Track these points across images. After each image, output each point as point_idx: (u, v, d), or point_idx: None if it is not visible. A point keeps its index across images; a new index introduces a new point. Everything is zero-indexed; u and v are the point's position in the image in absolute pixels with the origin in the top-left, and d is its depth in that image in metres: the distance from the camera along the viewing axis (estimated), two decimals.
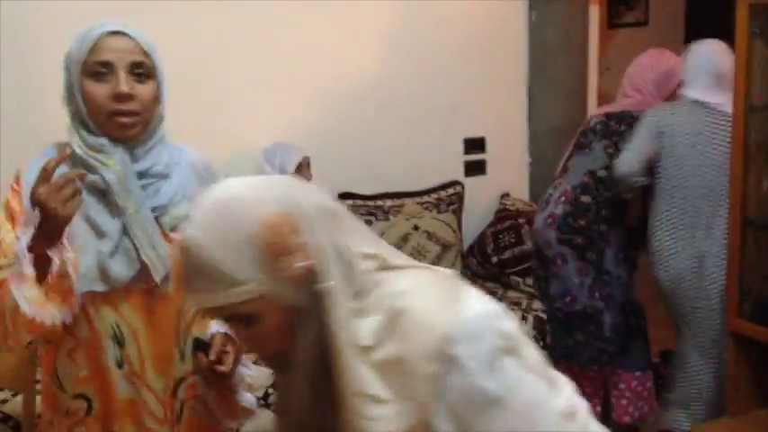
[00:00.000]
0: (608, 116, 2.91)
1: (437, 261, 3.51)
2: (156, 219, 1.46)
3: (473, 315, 0.93)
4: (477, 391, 0.90)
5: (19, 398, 2.18)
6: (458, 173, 3.70)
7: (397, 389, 0.91)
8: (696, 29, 4.91)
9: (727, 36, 2.57)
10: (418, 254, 3.49)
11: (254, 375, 1.60)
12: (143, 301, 1.47)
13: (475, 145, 3.73)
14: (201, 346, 1.44)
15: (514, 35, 3.68)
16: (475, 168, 3.75)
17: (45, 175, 1.29)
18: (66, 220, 1.31)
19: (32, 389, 2.03)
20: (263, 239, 0.90)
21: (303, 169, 3.17)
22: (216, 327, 1.50)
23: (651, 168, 2.70)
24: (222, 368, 1.43)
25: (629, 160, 2.68)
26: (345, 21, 3.35)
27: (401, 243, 3.48)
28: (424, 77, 3.57)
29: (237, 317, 0.94)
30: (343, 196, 3.52)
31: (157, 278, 1.43)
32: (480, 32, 3.60)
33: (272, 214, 0.91)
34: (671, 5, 4.97)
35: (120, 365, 1.47)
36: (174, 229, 1.46)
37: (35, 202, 1.29)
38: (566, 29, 3.65)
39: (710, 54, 2.67)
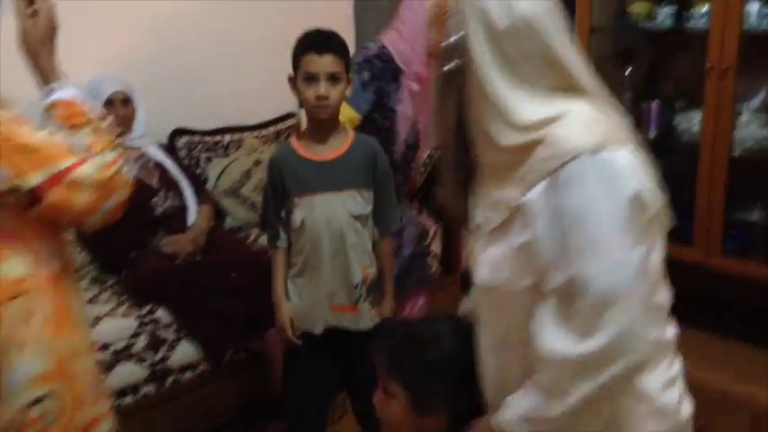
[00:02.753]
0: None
1: None
2: None
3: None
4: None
5: None
6: (293, 104, 3.65)
7: None
8: None
9: None
10: (262, 190, 3.41)
11: None
12: None
13: None
14: None
15: None
16: None
17: None
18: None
19: None
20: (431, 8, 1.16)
21: (117, 106, 2.90)
22: None
23: None
24: None
25: None
26: None
27: (244, 179, 3.38)
28: (256, 9, 3.48)
29: None
30: (179, 132, 3.33)
31: None
32: None
33: None
34: None
35: None
36: None
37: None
38: None
39: None
